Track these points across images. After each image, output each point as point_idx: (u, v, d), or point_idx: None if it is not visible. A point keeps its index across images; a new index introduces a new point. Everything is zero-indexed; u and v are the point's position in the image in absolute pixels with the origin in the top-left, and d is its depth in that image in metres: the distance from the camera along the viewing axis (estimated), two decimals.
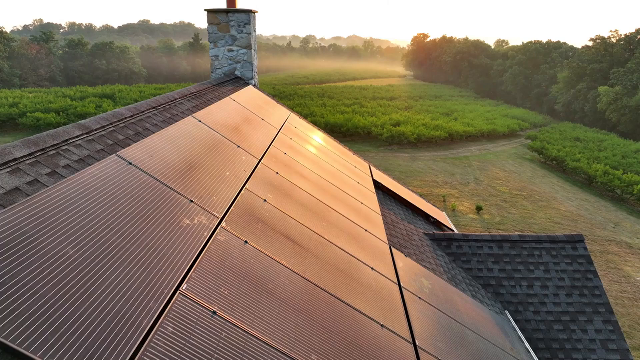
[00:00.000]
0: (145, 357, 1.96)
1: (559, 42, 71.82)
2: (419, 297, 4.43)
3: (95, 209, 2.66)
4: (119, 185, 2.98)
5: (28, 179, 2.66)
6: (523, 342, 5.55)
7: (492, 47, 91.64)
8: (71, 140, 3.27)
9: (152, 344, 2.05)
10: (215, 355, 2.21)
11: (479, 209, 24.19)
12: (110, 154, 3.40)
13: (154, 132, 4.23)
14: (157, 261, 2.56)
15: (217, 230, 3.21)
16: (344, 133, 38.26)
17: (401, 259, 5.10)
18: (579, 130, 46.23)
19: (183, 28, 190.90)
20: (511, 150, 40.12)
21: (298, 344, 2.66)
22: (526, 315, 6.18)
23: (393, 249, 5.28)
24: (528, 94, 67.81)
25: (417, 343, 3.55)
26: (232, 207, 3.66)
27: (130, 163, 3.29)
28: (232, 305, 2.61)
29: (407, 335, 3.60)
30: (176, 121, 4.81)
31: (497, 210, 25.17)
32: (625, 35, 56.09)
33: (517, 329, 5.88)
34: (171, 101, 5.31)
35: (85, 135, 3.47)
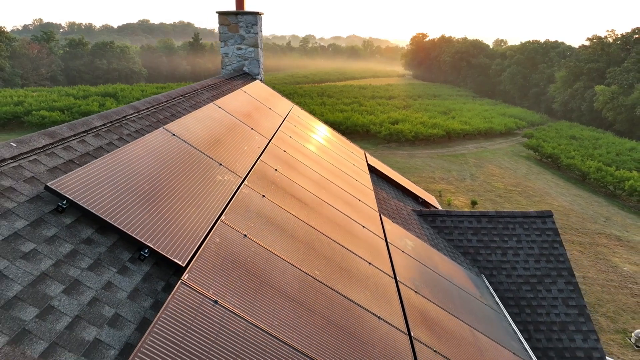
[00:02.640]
0: (205, 253, 2.89)
1: (556, 41, 72.38)
2: (403, 251, 5.35)
3: (156, 161, 3.59)
4: (168, 149, 3.91)
5: (105, 141, 3.60)
6: (494, 297, 6.48)
7: (491, 46, 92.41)
8: (128, 117, 4.21)
9: (206, 247, 2.99)
10: (249, 259, 3.14)
11: (474, 203, 25.03)
12: (157, 128, 4.34)
13: (185, 114, 5.17)
14: (202, 199, 3.49)
15: (242, 186, 4.14)
16: (343, 131, 39.05)
17: (389, 224, 6.03)
18: (576, 129, 46.66)
19: (183, 28, 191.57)
20: (508, 148, 40.82)
21: (304, 262, 3.60)
22: (499, 279, 7.11)
23: (383, 216, 6.21)
24: (526, 93, 68.51)
25: (398, 278, 4.48)
26: (251, 172, 4.60)
27: (174, 134, 4.22)
28: (257, 233, 3.54)
29: (390, 273, 4.52)
30: (200, 107, 5.74)
31: (491, 205, 26.01)
32: (622, 35, 56.75)
33: (491, 288, 6.81)
34: (194, 91, 6.27)
35: (136, 114, 4.41)
